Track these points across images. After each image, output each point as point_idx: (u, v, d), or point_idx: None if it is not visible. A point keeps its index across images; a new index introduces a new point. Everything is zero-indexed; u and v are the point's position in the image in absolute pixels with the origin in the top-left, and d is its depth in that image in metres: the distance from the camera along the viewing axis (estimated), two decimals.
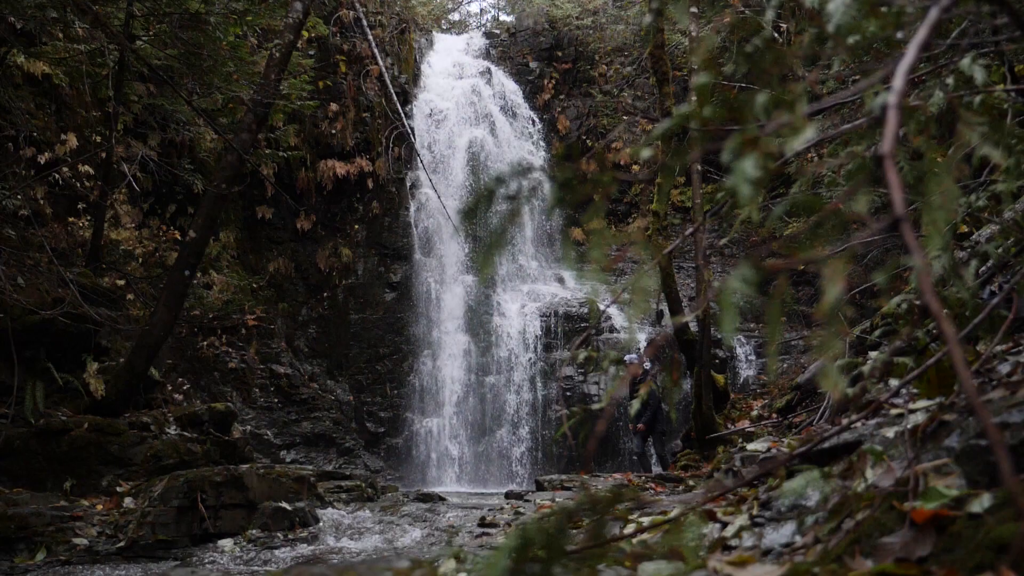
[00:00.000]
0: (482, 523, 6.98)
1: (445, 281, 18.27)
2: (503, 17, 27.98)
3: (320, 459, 16.32)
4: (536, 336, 17.85)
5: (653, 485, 8.27)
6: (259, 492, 6.69)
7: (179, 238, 15.57)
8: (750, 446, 3.76)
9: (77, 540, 5.72)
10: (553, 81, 21.68)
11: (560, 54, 21.94)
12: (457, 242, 18.49)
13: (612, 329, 17.97)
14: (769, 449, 3.79)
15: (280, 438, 16.14)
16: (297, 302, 17.76)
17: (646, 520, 3.15)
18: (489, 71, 20.63)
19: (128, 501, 6.30)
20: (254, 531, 6.48)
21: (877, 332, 7.03)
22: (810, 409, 6.68)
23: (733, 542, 1.59)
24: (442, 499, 9.87)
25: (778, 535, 1.50)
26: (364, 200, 18.37)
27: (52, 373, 6.91)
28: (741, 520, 1.73)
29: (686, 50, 20.17)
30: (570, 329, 17.91)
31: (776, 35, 16.83)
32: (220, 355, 15.92)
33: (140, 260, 14.47)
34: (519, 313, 18.32)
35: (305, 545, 6.40)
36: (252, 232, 17.56)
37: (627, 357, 13.19)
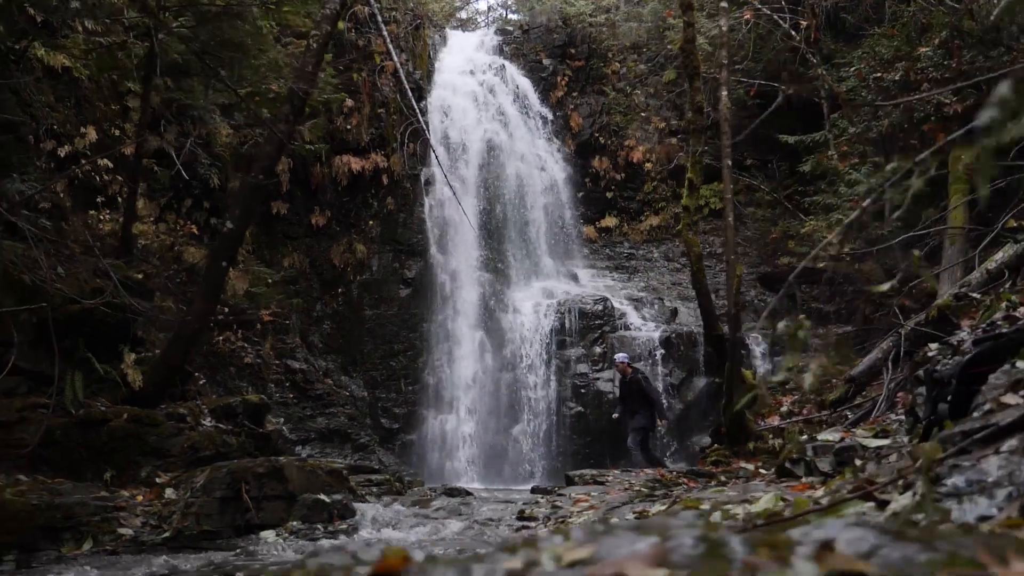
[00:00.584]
0: (521, 516, 6.97)
1: (460, 278, 18.24)
2: (512, 16, 27.96)
3: (335, 455, 16.29)
4: (550, 333, 17.81)
5: (686, 480, 8.25)
6: (298, 484, 6.67)
7: (196, 232, 15.57)
8: (821, 436, 3.74)
9: (122, 530, 5.69)
10: (566, 78, 21.65)
11: (573, 51, 21.90)
12: (472, 238, 18.46)
13: (627, 327, 17.94)
14: (842, 439, 3.77)
15: (296, 433, 16.11)
16: (312, 298, 17.73)
17: (759, 506, 3.10)
18: (503, 67, 20.60)
19: (169, 492, 6.27)
20: (294, 523, 6.45)
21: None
22: (860, 401, 6.65)
23: (916, 517, 1.56)
24: (469, 493, 9.84)
25: (969, 508, 1.47)
26: (379, 196, 18.34)
27: (92, 363, 6.86)
28: (906, 498, 1.70)
29: (700, 48, 20.15)
30: (584, 326, 17.86)
31: (793, 32, 16.82)
32: (236, 350, 15.89)
33: (157, 254, 14.45)
34: (533, 310, 18.29)
35: (347, 537, 6.37)
36: (267, 227, 17.52)
37: (617, 357, 13.18)
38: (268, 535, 6.12)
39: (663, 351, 17.16)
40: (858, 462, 3.40)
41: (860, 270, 13.74)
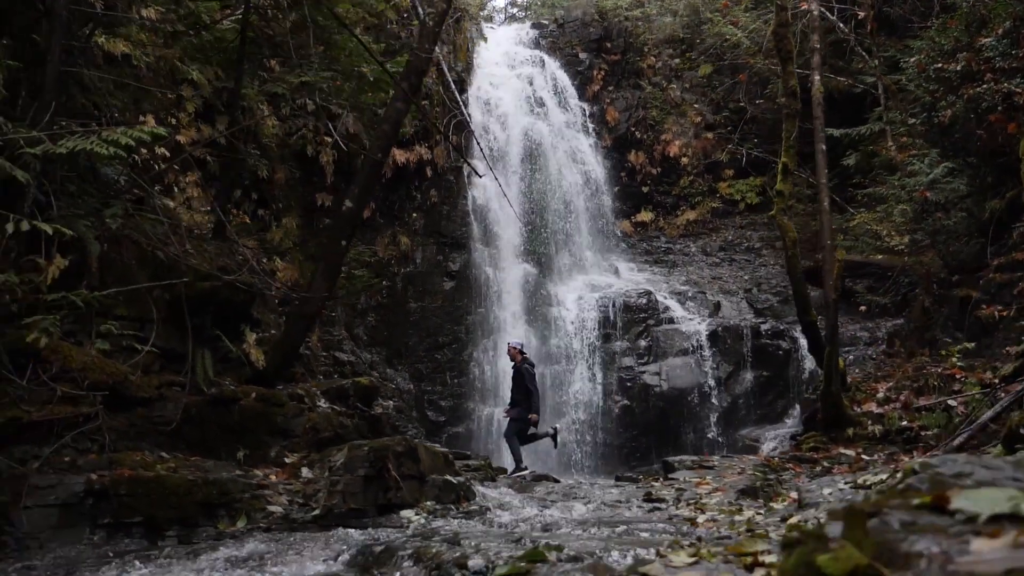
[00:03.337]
0: (648, 498, 6.91)
1: (504, 270, 18.19)
2: (519, 13, 27.94)
3: None
4: (595, 326, 17.77)
5: (792, 465, 8.22)
6: (427, 465, 6.60)
7: (248, 222, 15.47)
8: None
9: (272, 507, 5.61)
10: (602, 72, 21.62)
11: (609, 45, 21.88)
12: (515, 231, 18.41)
13: (671, 320, 17.90)
14: None
15: None
16: (356, 289, 17.62)
17: None
18: (542, 61, 20.58)
19: (305, 471, 6.19)
20: (428, 502, 6.37)
21: None
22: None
23: None
24: (557, 480, 9.82)
25: None
26: (422, 188, 18.27)
27: (222, 341, 6.77)
28: None
29: (737, 42, 20.15)
30: (629, 319, 17.81)
31: (842, 25, 16.81)
32: None
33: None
34: (577, 303, 18.26)
35: (481, 517, 6.28)
36: (312, 219, 17.43)
37: (510, 341, 12.84)
38: (408, 514, 6.05)
39: (709, 344, 17.12)
40: None
41: (920, 262, 13.70)
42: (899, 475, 4.10)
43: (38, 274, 5.13)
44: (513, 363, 11.92)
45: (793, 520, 3.98)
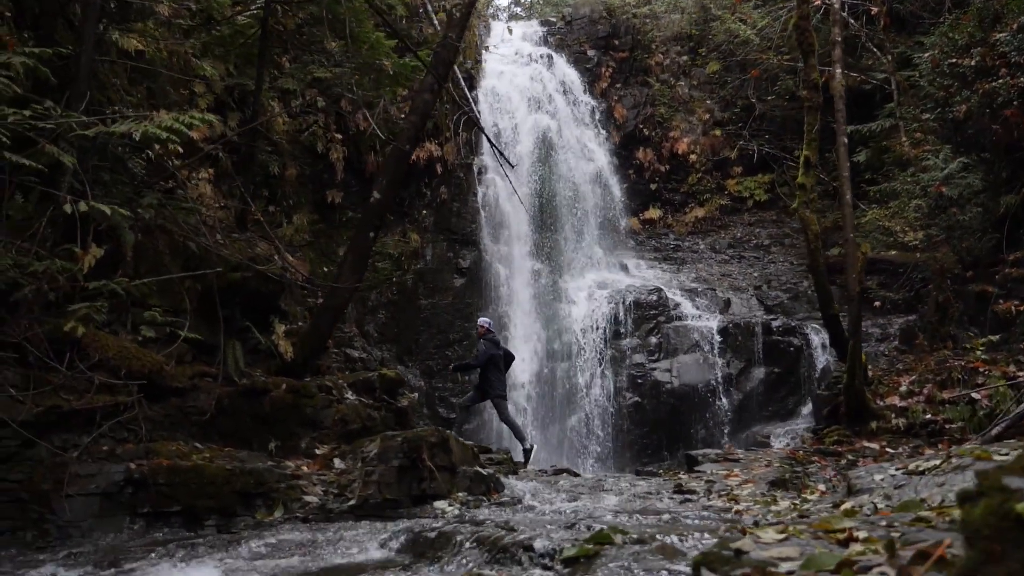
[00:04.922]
0: (679, 490, 6.89)
1: (513, 267, 18.17)
2: (525, 13, 27.92)
3: None
4: (605, 323, 17.75)
5: (817, 458, 8.20)
6: (458, 456, 6.58)
7: (260, 219, 15.43)
8: None
9: (307, 498, 5.58)
10: (610, 69, 21.61)
11: (617, 43, 21.87)
12: (525, 228, 18.40)
13: (681, 317, 17.89)
14: None
15: None
16: (379, 281, 17.58)
17: None
18: (551, 58, 20.57)
19: (337, 462, 6.16)
20: (460, 493, 6.35)
21: None
22: None
23: None
24: (576, 474, 9.79)
25: None
26: (432, 185, 18.24)
27: (251, 332, 6.76)
28: None
29: (746, 39, 20.15)
30: (639, 316, 17.79)
31: (853, 21, 16.81)
32: None
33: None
34: (587, 300, 18.24)
35: (513, 508, 6.26)
36: (323, 215, 17.40)
37: (481, 320, 13.37)
38: (442, 505, 6.02)
39: (720, 341, 17.11)
40: None
41: (934, 258, 13.69)
42: (953, 460, 4.08)
43: (74, 263, 5.10)
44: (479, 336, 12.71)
45: (847, 505, 3.98)
